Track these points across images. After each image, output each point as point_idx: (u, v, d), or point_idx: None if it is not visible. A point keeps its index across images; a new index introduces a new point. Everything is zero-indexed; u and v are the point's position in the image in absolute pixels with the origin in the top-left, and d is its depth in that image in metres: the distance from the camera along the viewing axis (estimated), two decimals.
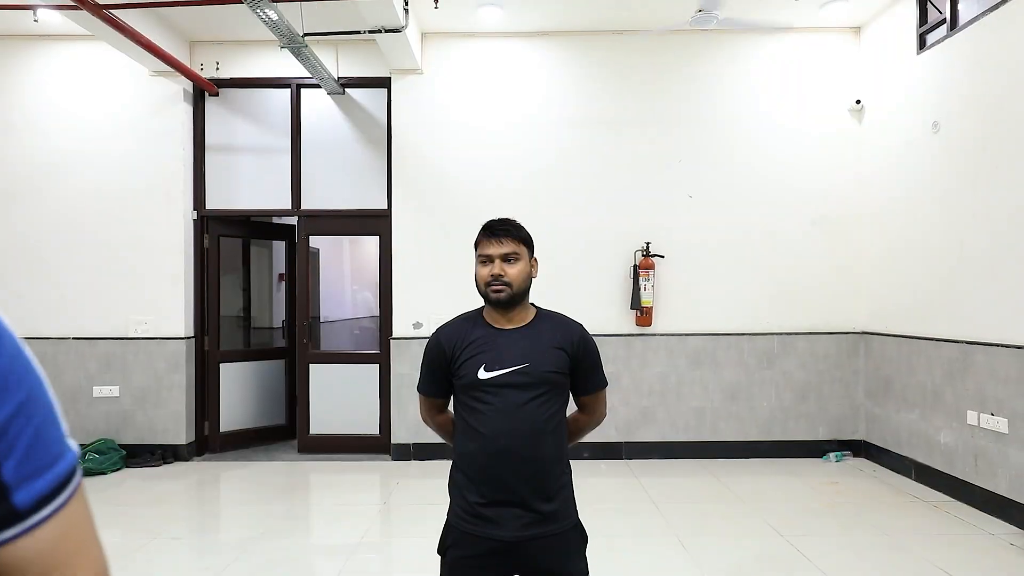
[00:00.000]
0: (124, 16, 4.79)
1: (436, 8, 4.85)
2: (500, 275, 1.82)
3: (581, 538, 1.86)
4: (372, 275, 7.57)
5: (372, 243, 6.37)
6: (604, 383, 1.96)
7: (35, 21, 4.82)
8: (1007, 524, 4.12)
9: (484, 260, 1.85)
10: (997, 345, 4.23)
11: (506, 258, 1.83)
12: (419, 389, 1.99)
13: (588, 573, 1.85)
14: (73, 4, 4.27)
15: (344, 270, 9.02)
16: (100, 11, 4.36)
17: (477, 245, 1.87)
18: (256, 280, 7.00)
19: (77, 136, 5.87)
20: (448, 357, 1.87)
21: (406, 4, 4.85)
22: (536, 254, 1.93)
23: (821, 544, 3.85)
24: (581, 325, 1.94)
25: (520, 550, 1.77)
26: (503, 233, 1.84)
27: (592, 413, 2.00)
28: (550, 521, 1.78)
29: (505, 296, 1.83)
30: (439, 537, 1.88)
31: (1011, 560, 3.62)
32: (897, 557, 3.68)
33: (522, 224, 1.92)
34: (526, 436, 1.78)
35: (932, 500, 4.66)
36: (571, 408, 1.98)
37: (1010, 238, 4.15)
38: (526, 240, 1.88)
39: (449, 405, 2.01)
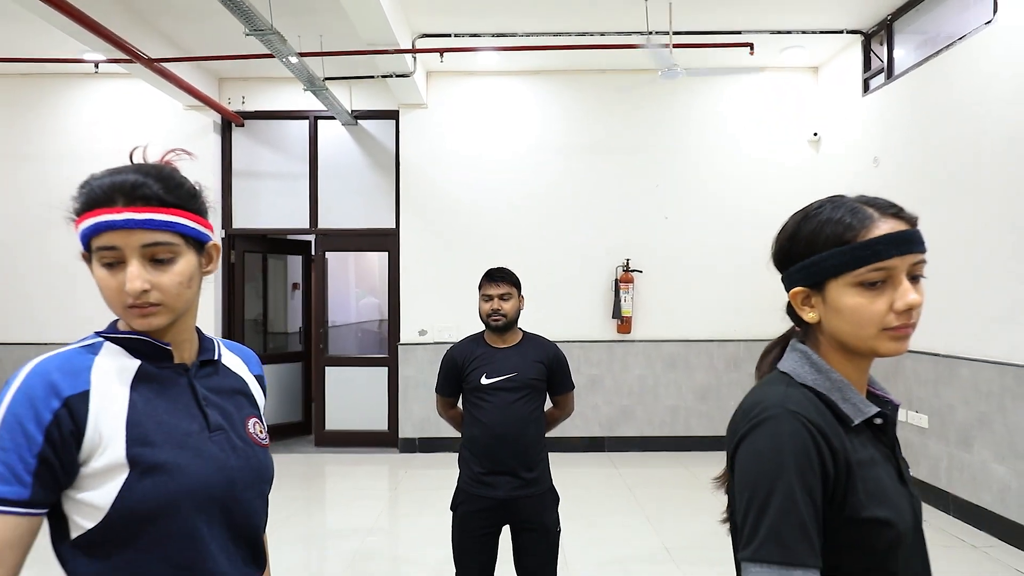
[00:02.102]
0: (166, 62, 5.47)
1: (441, 62, 5.55)
2: (498, 309, 2.53)
3: (554, 498, 2.57)
4: (374, 281, 8.29)
5: (375, 253, 7.08)
6: (572, 386, 2.68)
7: (96, 72, 5.50)
8: (924, 505, 4.85)
9: (486, 298, 2.56)
10: (921, 353, 4.95)
11: (502, 297, 2.54)
12: (437, 391, 2.71)
13: (559, 523, 2.56)
14: (129, 59, 4.96)
15: (349, 278, 9.71)
16: (152, 64, 5.05)
17: (481, 287, 2.58)
18: (272, 289, 7.68)
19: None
20: (459, 368, 2.58)
21: (414, 56, 5.55)
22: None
23: None
24: (555, 345, 2.66)
25: (510, 506, 2.48)
26: (500, 279, 2.56)
27: (563, 408, 2.73)
28: (532, 485, 2.49)
29: (502, 324, 2.55)
30: (451, 498, 2.59)
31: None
32: None
33: (512, 271, 2.63)
34: (515, 424, 2.49)
35: None
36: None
37: (933, 261, 4.86)
38: (516, 283, 2.59)
39: (458, 403, 2.71)
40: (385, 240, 6.77)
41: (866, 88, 5.79)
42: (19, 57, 5.74)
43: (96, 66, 5.43)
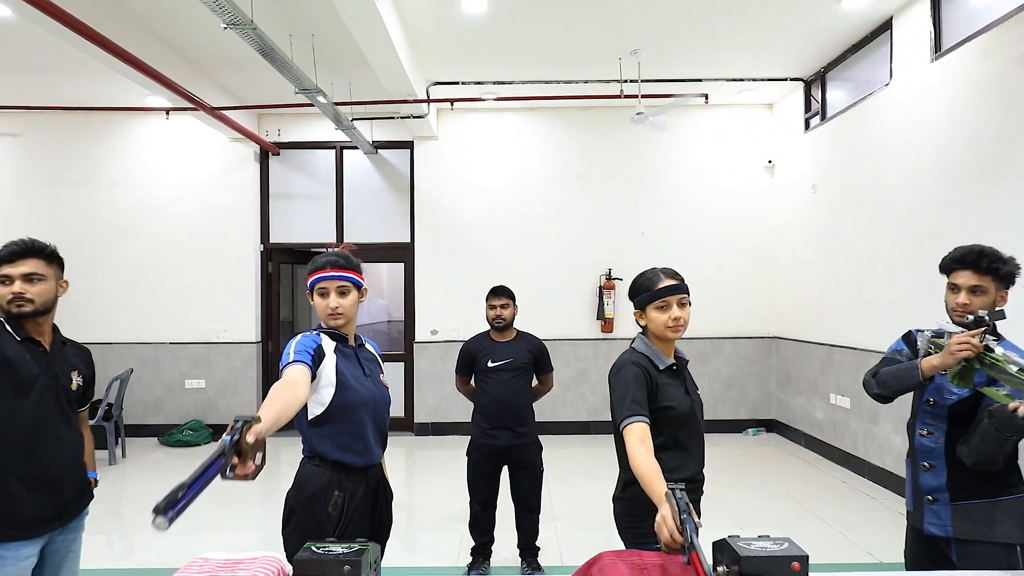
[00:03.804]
0: (217, 104, 6.55)
1: (452, 110, 6.63)
2: (500, 315, 3.63)
3: (539, 447, 3.67)
4: (383, 286, 9.35)
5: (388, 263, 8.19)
6: (551, 369, 3.77)
7: (167, 118, 6.60)
8: (847, 470, 5.94)
9: (492, 307, 3.65)
10: (846, 347, 6.04)
11: (502, 306, 3.64)
12: (456, 372, 3.80)
13: (542, 465, 3.65)
14: (194, 107, 6.05)
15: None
16: (213, 112, 6.14)
17: (487, 299, 3.68)
18: (299, 295, 8.76)
19: (176, 188, 7.67)
20: (473, 355, 3.68)
21: (428, 104, 6.64)
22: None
23: (718, 486, 5.62)
24: (540, 339, 3.76)
25: (508, 452, 3.57)
26: (501, 293, 3.65)
27: (545, 384, 3.83)
28: (523, 437, 3.59)
29: (502, 325, 3.64)
30: (467, 447, 3.68)
31: (837, 489, 5.46)
32: (763, 490, 5.49)
33: (509, 287, 3.72)
34: (511, 395, 3.58)
35: (807, 459, 6.48)
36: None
37: (855, 271, 5.95)
38: (512, 296, 3.68)
39: (471, 380, 3.80)
40: (401, 253, 7.86)
41: (807, 126, 6.88)
42: (103, 106, 6.86)
43: (167, 113, 6.54)
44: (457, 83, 6.77)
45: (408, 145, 7.78)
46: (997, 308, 2.06)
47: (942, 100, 4.72)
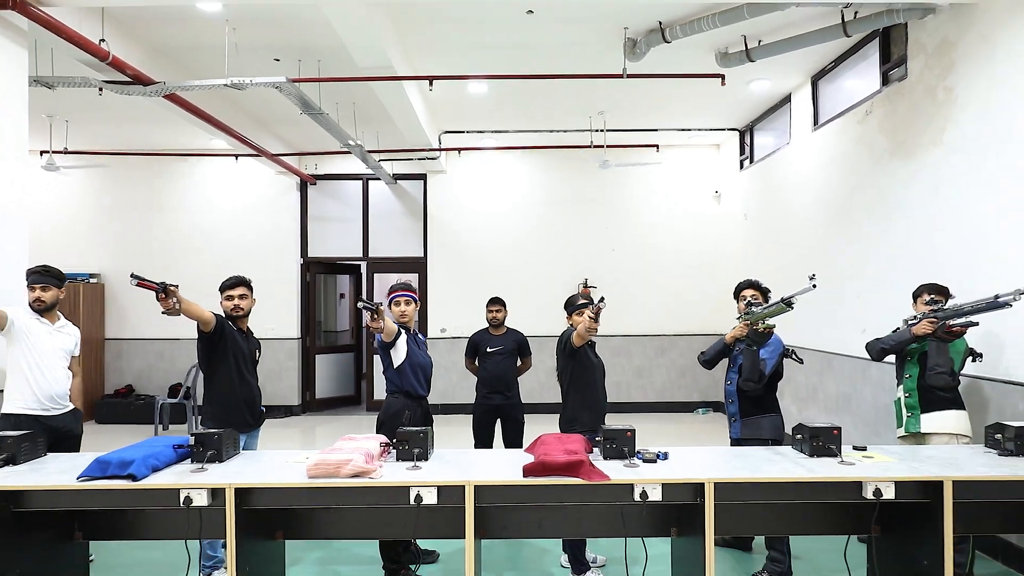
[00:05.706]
0: (270, 147, 8.26)
1: (459, 157, 8.35)
2: (496, 316, 5.35)
3: (522, 407, 5.39)
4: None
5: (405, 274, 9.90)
6: (530, 353, 5.49)
7: (236, 161, 8.31)
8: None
9: (490, 311, 5.37)
10: None
11: (497, 311, 5.36)
12: (466, 355, 5.52)
13: (524, 419, 5.37)
14: (256, 153, 7.76)
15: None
16: (273, 157, 7.86)
17: (487, 305, 5.39)
18: (332, 300, 10.47)
19: (232, 213, 9.38)
20: (477, 344, 5.41)
21: (440, 150, 8.38)
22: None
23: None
24: (523, 334, 5.48)
25: (500, 409, 5.30)
26: (497, 302, 5.39)
27: (525, 364, 5.54)
28: (510, 399, 5.31)
29: (497, 323, 5.37)
30: (472, 407, 5.39)
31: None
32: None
33: (502, 296, 5.44)
34: (502, 371, 5.30)
35: None
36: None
37: (777, 284, 7.63)
38: (504, 304, 5.40)
39: (475, 361, 5.52)
40: (416, 265, 9.57)
41: (741, 166, 8.61)
42: (180, 151, 8.59)
43: (236, 157, 8.26)
44: (463, 132, 8.49)
45: (422, 177, 9.50)
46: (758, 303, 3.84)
47: (818, 163, 6.44)
